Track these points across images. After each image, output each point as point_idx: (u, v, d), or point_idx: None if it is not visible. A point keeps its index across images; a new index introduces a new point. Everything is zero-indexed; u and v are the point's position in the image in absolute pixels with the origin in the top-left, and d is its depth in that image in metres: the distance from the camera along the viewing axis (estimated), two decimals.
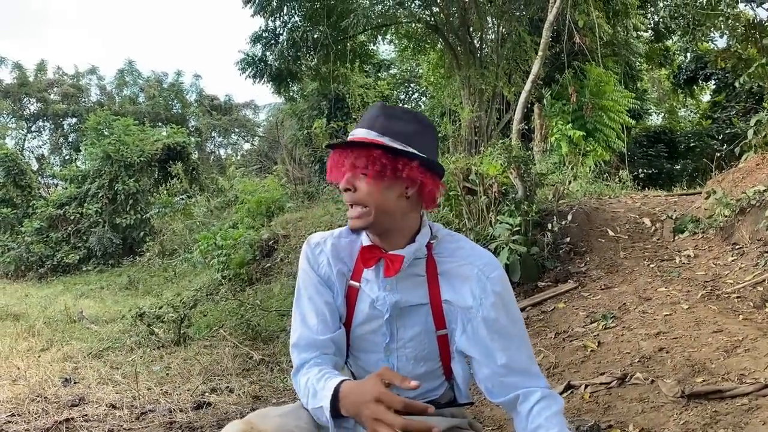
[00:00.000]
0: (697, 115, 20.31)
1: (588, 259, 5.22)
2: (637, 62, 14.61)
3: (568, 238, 5.44)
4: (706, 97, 19.47)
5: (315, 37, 12.78)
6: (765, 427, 2.18)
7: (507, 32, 12.69)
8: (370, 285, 1.40)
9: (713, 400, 2.49)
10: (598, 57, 10.58)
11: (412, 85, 20.60)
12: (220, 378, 3.94)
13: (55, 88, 27.55)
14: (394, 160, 1.28)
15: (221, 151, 31.13)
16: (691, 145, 15.81)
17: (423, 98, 20.09)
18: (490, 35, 13.40)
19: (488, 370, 1.36)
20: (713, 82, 17.45)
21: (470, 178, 5.62)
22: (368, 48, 15.59)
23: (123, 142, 14.29)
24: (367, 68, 17.46)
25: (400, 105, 11.20)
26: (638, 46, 13.93)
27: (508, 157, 5.57)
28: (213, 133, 29.59)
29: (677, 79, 18.22)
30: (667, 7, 14.26)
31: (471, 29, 13.01)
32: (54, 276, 12.55)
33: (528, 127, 11.73)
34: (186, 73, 32.79)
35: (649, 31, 14.81)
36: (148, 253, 12.00)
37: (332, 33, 12.45)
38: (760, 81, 8.21)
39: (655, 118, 21.00)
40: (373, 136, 1.30)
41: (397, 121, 1.32)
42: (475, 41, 13.29)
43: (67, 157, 26.47)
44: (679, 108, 21.67)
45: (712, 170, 7.48)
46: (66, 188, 15.27)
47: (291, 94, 15.64)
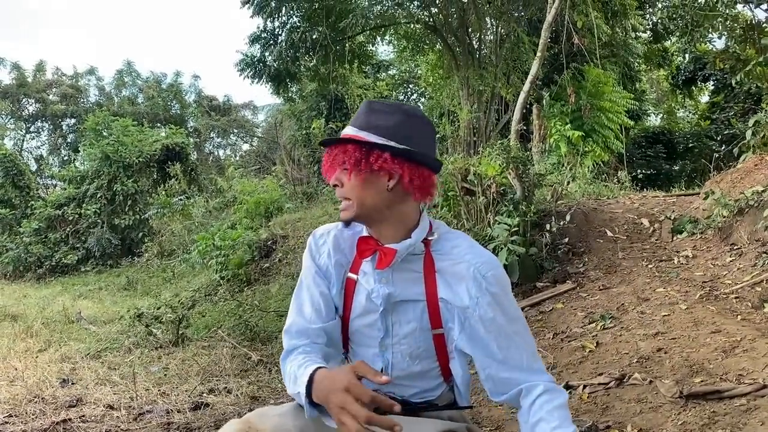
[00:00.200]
0: (696, 115, 20.29)
1: (586, 259, 5.23)
2: (636, 63, 14.62)
3: (567, 239, 5.45)
4: (705, 98, 19.46)
5: (314, 37, 12.77)
6: (763, 428, 2.18)
7: (506, 33, 12.71)
8: (367, 277, 1.40)
9: (711, 400, 2.49)
10: (597, 58, 10.58)
11: (411, 86, 20.63)
12: (218, 379, 3.93)
13: (54, 89, 27.52)
14: (368, 153, 1.29)
15: (220, 152, 31.13)
16: (690, 145, 15.79)
17: (422, 99, 20.10)
18: (489, 36, 13.42)
19: (489, 369, 1.35)
20: (712, 82, 17.45)
21: (469, 178, 5.62)
22: (367, 49, 15.59)
23: (122, 143, 14.26)
24: (365, 69, 17.49)
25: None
26: (637, 46, 13.92)
27: (507, 158, 5.58)
28: (212, 134, 29.56)
29: (676, 80, 18.22)
30: (665, 8, 14.29)
31: (470, 30, 13.03)
32: (52, 276, 12.51)
33: (526, 128, 11.73)
34: (185, 74, 32.66)
35: (647, 32, 14.81)
36: (147, 254, 11.98)
37: (331, 33, 12.45)
38: (758, 81, 8.21)
39: (654, 119, 21.02)
40: (353, 132, 1.32)
41: (378, 115, 1.33)
42: (474, 42, 13.31)
43: (65, 158, 26.44)
44: (678, 109, 21.66)
45: (711, 171, 7.51)
46: (64, 189, 15.23)
47: (290, 95, 15.66)
